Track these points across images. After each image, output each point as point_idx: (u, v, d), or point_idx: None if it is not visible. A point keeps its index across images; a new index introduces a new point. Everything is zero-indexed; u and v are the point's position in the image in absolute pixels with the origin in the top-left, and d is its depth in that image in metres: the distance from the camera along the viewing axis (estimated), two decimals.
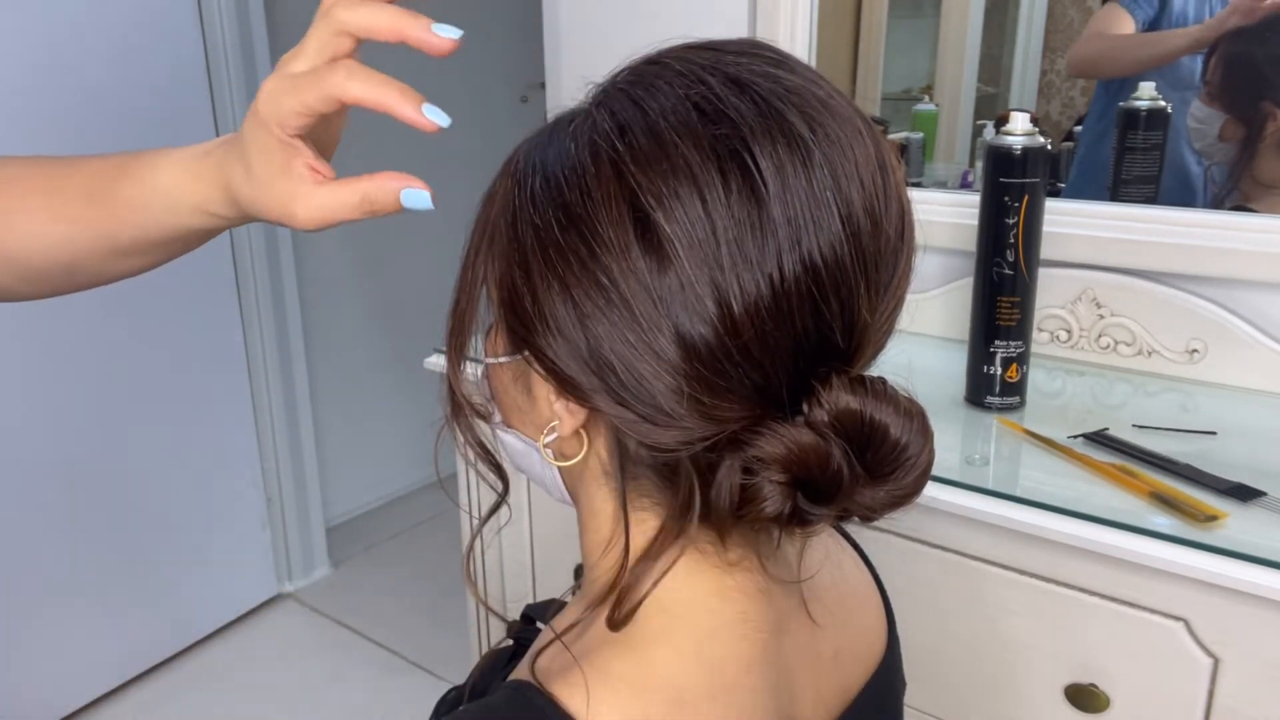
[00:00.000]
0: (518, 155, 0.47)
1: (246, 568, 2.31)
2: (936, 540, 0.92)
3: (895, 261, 0.44)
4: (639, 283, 0.40)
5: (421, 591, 2.41)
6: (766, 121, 0.41)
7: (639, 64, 0.46)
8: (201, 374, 2.12)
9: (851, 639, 0.57)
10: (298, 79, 0.42)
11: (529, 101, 2.93)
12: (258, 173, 0.45)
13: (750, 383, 0.41)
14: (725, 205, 0.40)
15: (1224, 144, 1.15)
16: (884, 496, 0.43)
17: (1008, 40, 1.38)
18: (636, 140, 0.41)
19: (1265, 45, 1.14)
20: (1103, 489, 0.88)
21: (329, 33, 0.41)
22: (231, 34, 2.09)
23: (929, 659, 0.94)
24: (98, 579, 1.98)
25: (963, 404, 1.08)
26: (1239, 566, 0.76)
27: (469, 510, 1.36)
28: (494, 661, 0.59)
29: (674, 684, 0.45)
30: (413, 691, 2.07)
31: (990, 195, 1.01)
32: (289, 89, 0.42)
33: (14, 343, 1.79)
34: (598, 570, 0.49)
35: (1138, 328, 1.15)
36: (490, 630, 1.50)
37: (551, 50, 1.60)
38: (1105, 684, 0.85)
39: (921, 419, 0.43)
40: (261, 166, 0.44)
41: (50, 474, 1.88)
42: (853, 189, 0.42)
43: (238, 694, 2.07)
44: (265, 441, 2.32)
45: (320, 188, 0.45)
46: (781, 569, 0.51)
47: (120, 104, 1.88)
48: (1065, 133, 1.30)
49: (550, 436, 0.47)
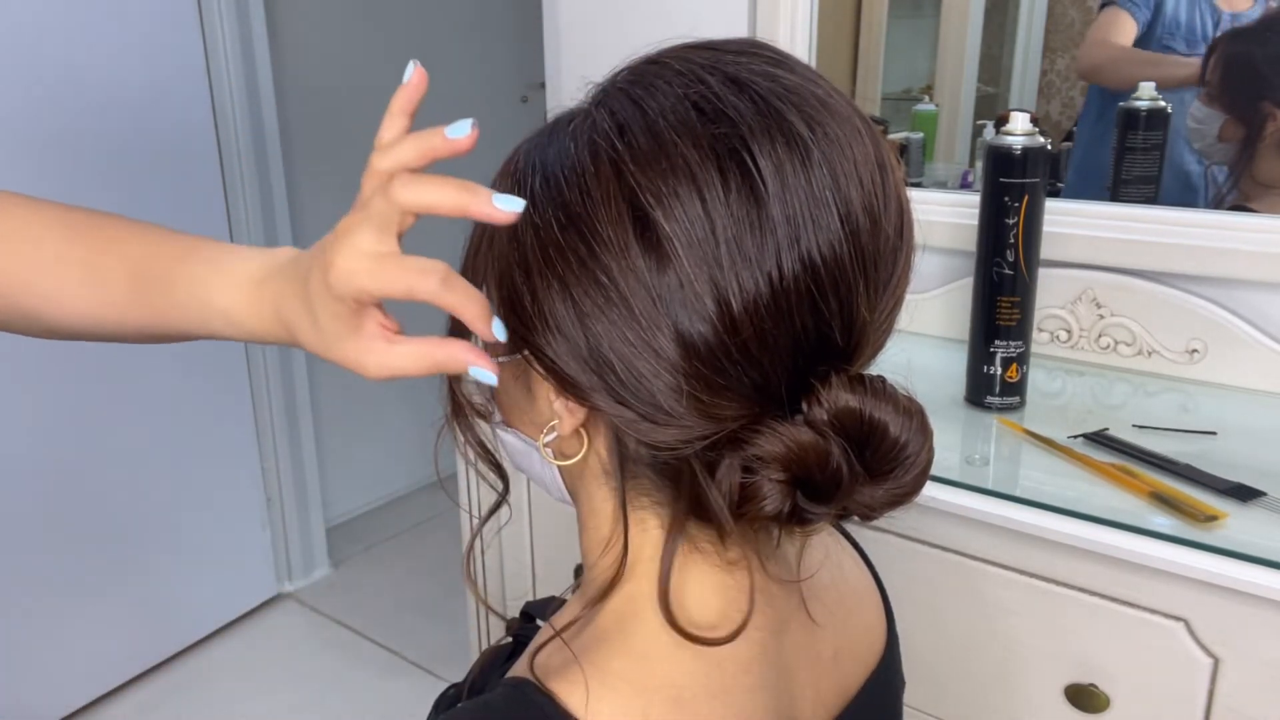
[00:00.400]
0: (517, 155, 0.47)
1: (246, 568, 2.31)
2: (936, 540, 0.92)
3: (894, 260, 0.44)
4: (638, 281, 0.40)
5: (421, 591, 2.41)
6: (765, 121, 0.41)
7: (638, 64, 0.46)
8: (202, 374, 2.12)
9: (851, 638, 0.57)
10: (380, 266, 0.41)
11: (529, 101, 2.93)
12: (327, 331, 0.44)
13: (749, 381, 0.41)
14: (724, 204, 0.40)
15: (1223, 144, 1.15)
16: (883, 495, 0.43)
17: (1008, 40, 1.38)
18: (636, 139, 0.41)
19: (1264, 45, 1.14)
20: (1103, 489, 0.88)
21: (395, 212, 0.41)
22: (231, 34, 2.10)
23: (929, 659, 0.94)
24: (98, 579, 1.98)
25: (963, 404, 1.08)
26: (1239, 566, 0.76)
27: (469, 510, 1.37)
28: (493, 659, 0.59)
29: (673, 682, 0.45)
30: (413, 691, 2.07)
31: (990, 195, 1.01)
32: (369, 273, 0.41)
33: (14, 342, 1.79)
34: (597, 569, 0.49)
35: (1138, 328, 1.15)
36: (490, 630, 1.50)
37: (551, 50, 1.60)
38: (1105, 684, 0.85)
39: (921, 417, 0.43)
40: (331, 326, 0.44)
41: (50, 473, 1.88)
42: (851, 188, 0.42)
43: (238, 694, 2.07)
44: (265, 441, 2.32)
45: (393, 347, 0.44)
46: (781, 568, 0.51)
47: (119, 104, 1.88)
48: (1065, 133, 1.30)
49: (550, 436, 0.47)
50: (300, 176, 2.46)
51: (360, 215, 0.41)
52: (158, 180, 1.96)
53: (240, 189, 2.18)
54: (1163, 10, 1.17)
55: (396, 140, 0.42)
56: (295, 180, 2.42)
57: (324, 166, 2.53)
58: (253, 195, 2.21)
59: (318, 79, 2.47)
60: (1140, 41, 1.20)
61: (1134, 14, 1.19)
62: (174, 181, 2.00)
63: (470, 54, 2.82)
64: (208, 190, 2.10)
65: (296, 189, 2.43)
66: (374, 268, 0.41)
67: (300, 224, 2.43)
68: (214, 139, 2.10)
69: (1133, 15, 1.19)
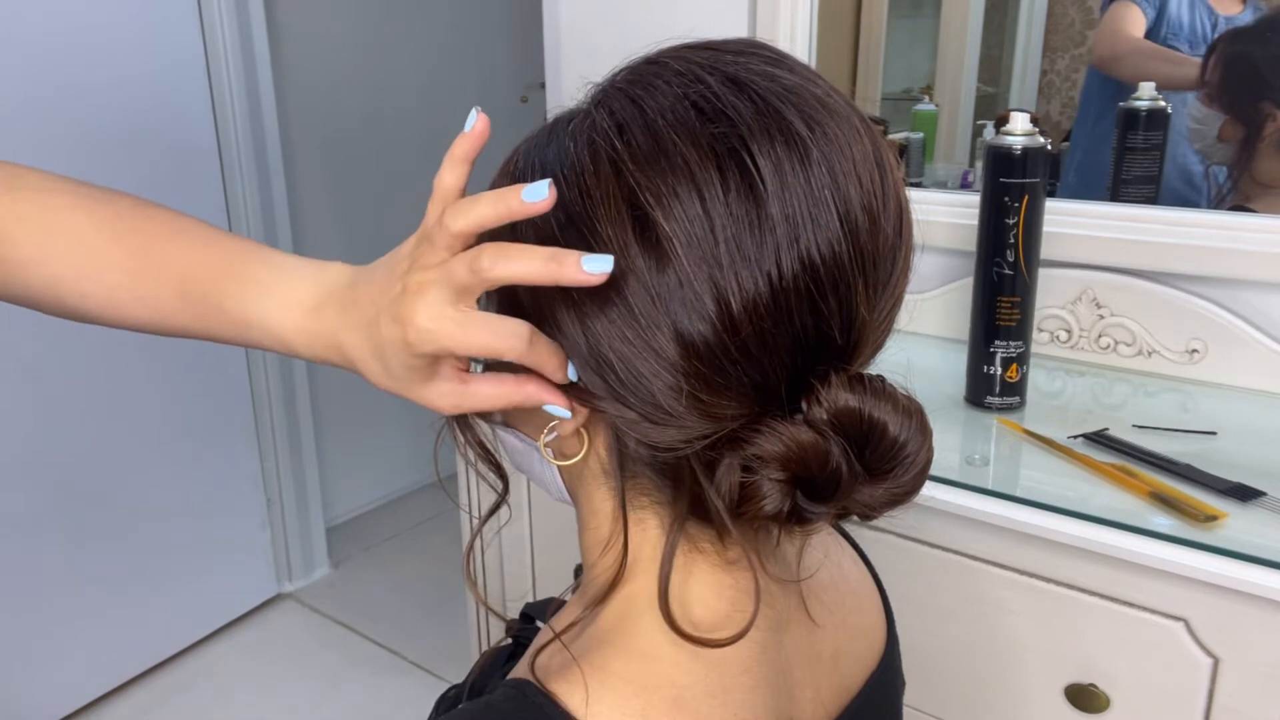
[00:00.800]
0: (517, 154, 0.47)
1: (246, 568, 2.31)
2: (936, 540, 0.92)
3: (893, 259, 0.44)
4: (638, 281, 0.40)
5: (421, 591, 2.41)
6: (765, 120, 0.41)
7: (638, 63, 0.46)
8: (202, 374, 2.12)
9: (851, 639, 0.57)
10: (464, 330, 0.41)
11: (529, 101, 2.93)
12: (399, 377, 0.45)
13: (749, 380, 0.41)
14: (723, 203, 0.40)
15: (1223, 144, 1.15)
16: (883, 494, 0.43)
17: (1008, 40, 1.38)
18: (635, 139, 0.41)
19: (1264, 45, 1.14)
20: (1103, 489, 0.88)
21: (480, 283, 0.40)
22: (231, 33, 2.10)
23: (928, 659, 0.94)
24: (98, 579, 1.98)
25: (963, 404, 1.08)
26: (1239, 566, 0.76)
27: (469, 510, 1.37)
28: (493, 660, 0.59)
29: (673, 683, 0.45)
30: (413, 691, 2.07)
31: (990, 195, 1.01)
32: (451, 336, 0.41)
33: (15, 343, 1.79)
34: (597, 569, 0.49)
35: (1138, 328, 1.15)
36: (490, 630, 1.50)
37: (551, 50, 1.60)
38: (1105, 684, 0.85)
39: (920, 417, 0.43)
40: (405, 374, 0.44)
41: (50, 474, 1.88)
42: (850, 187, 0.42)
43: (238, 694, 2.07)
44: (265, 441, 2.32)
45: (468, 387, 0.44)
46: (780, 568, 0.51)
47: (119, 105, 1.88)
48: (1065, 133, 1.30)
49: (550, 436, 0.47)
50: (300, 176, 2.46)
51: (438, 274, 0.41)
52: (158, 180, 1.96)
53: (240, 188, 2.18)
54: (1166, 10, 1.17)
55: (460, 187, 0.43)
56: (295, 180, 2.42)
57: (324, 166, 2.53)
58: (252, 194, 2.21)
59: (318, 78, 2.47)
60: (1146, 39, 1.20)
61: (1143, 8, 1.19)
62: (174, 181, 2.00)
63: (470, 54, 2.82)
64: (208, 190, 2.10)
65: (296, 188, 2.43)
66: (457, 331, 0.41)
67: (300, 223, 2.43)
68: (214, 138, 2.10)
69: (1142, 9, 1.19)
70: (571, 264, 0.39)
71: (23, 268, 0.55)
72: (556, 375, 0.43)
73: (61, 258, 0.54)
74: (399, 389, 0.45)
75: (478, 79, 2.83)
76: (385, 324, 0.43)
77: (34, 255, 0.55)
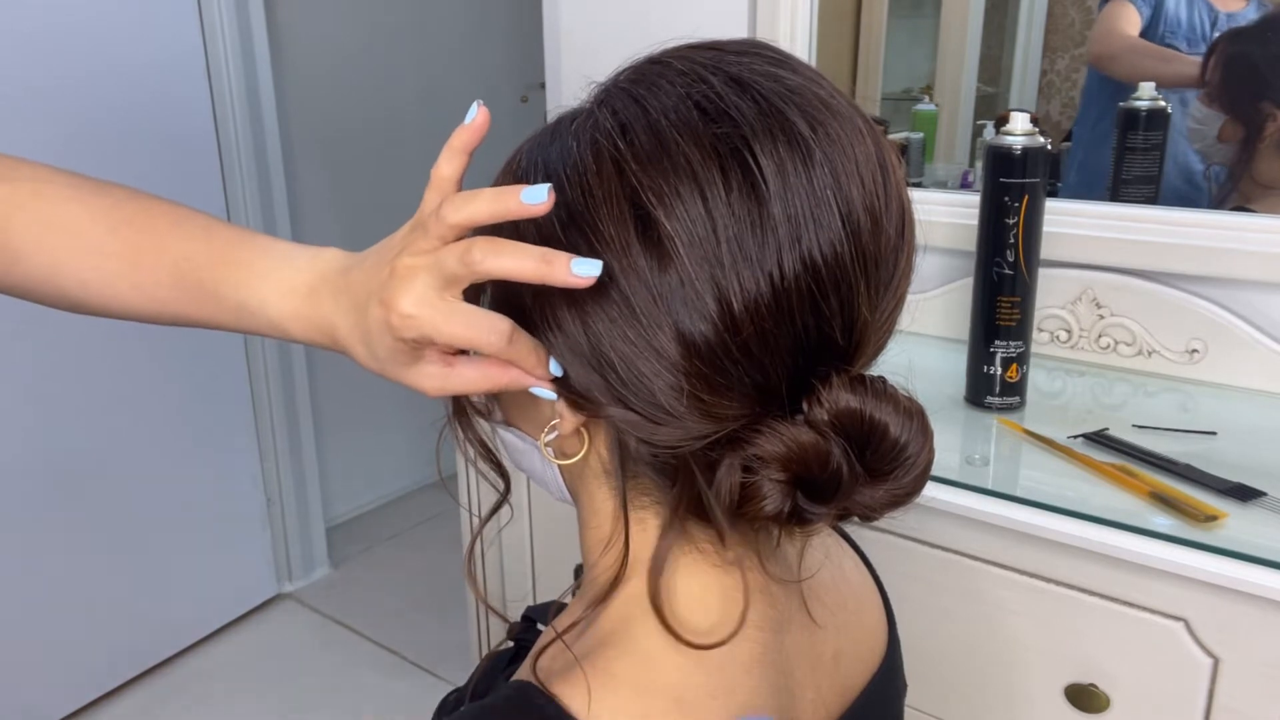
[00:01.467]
0: (519, 154, 0.47)
1: (246, 568, 2.31)
2: (936, 540, 0.92)
3: (895, 260, 0.44)
4: (639, 280, 0.40)
5: (421, 591, 2.41)
6: (767, 120, 0.41)
7: (641, 63, 0.46)
8: (202, 373, 2.12)
9: (852, 640, 0.57)
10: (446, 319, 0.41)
11: (529, 101, 2.93)
12: (384, 359, 0.45)
13: (750, 381, 0.41)
14: (726, 203, 0.40)
15: (1223, 144, 1.15)
16: (884, 495, 0.43)
17: (1008, 40, 1.38)
18: (638, 139, 0.41)
19: (1264, 45, 1.14)
20: (1102, 489, 0.88)
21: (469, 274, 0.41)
22: (231, 32, 2.09)
23: (929, 659, 0.94)
24: (97, 579, 1.98)
25: (963, 404, 1.08)
26: (1239, 566, 0.76)
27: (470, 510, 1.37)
28: (495, 663, 0.59)
29: (674, 683, 0.45)
30: (413, 691, 2.07)
31: (990, 195, 1.01)
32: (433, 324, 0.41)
33: (14, 342, 1.79)
34: (598, 569, 0.49)
35: (1138, 328, 1.15)
36: (491, 629, 1.50)
37: (551, 50, 1.60)
38: (1105, 684, 0.85)
39: (921, 418, 0.43)
40: (389, 356, 0.45)
41: (50, 473, 1.88)
42: (853, 188, 0.42)
43: (238, 694, 2.07)
44: (265, 441, 2.32)
45: (453, 370, 0.45)
46: (781, 569, 0.51)
47: (119, 104, 1.88)
48: (1065, 133, 1.30)
49: (551, 435, 0.47)
50: (300, 174, 2.46)
51: (428, 261, 0.42)
52: (157, 179, 1.95)
53: (240, 187, 2.18)
54: (1164, 7, 1.17)
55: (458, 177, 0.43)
56: (295, 178, 2.42)
57: (323, 162, 2.53)
58: (252, 193, 2.21)
59: (318, 77, 2.47)
60: (1142, 38, 1.20)
61: (1138, 6, 1.19)
62: (173, 180, 2.00)
63: (470, 54, 2.82)
64: (208, 189, 2.10)
65: (296, 187, 2.43)
66: (439, 320, 0.41)
67: (300, 222, 2.43)
68: (214, 137, 2.10)
69: (1138, 8, 1.19)
70: (561, 265, 0.40)
71: (23, 257, 0.55)
72: (537, 372, 0.43)
73: (61, 247, 0.55)
74: (384, 371, 0.46)
75: (478, 78, 2.82)
76: (373, 309, 0.44)
77: (33, 245, 0.55)
